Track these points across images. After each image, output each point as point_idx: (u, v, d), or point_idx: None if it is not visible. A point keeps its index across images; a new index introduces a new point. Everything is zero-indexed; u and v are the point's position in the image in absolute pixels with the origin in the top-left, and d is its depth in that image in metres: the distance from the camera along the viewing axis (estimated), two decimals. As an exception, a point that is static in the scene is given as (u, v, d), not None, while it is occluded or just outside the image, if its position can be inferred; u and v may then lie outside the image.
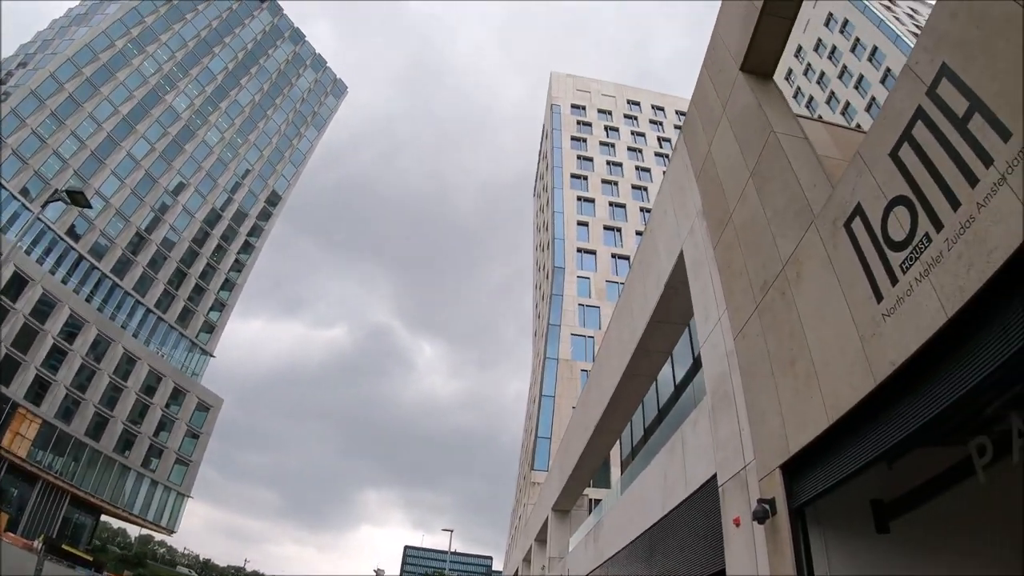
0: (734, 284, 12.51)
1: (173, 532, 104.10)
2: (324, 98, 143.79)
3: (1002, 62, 6.32)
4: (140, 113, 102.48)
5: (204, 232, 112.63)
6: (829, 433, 8.78)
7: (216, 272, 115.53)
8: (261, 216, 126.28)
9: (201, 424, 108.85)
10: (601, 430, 24.86)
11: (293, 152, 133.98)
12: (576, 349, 78.23)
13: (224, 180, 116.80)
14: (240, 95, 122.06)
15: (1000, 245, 5.98)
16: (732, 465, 11.73)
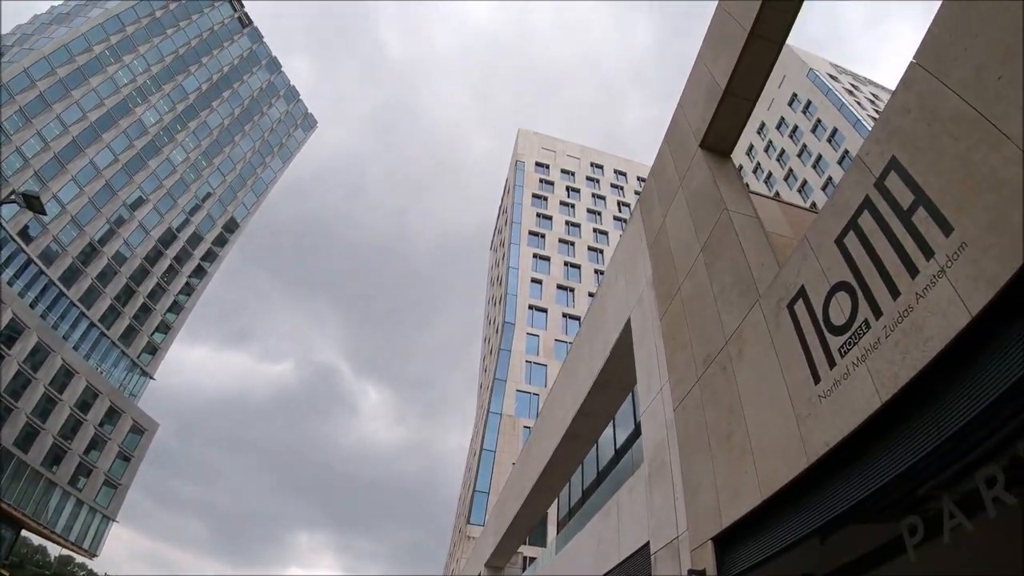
0: (677, 355, 12.53)
1: (95, 555, 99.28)
2: (293, 130, 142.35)
3: (948, 159, 6.50)
4: (108, 122, 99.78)
5: (158, 251, 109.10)
6: (762, 508, 8.77)
7: (165, 293, 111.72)
8: (217, 242, 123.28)
9: (134, 447, 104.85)
10: (539, 488, 24.55)
11: (256, 181, 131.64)
12: (520, 405, 77.65)
13: (184, 201, 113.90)
14: (210, 117, 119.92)
15: (936, 335, 6.16)
16: (665, 534, 11.62)
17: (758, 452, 8.99)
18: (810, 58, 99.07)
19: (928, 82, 7.05)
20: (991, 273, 5.69)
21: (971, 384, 5.91)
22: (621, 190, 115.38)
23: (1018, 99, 5.78)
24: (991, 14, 6.30)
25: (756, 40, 11.81)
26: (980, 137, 6.16)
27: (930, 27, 7.20)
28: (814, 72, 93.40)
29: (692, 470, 10.96)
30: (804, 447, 7.93)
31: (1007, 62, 5.98)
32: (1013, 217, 5.59)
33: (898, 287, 6.86)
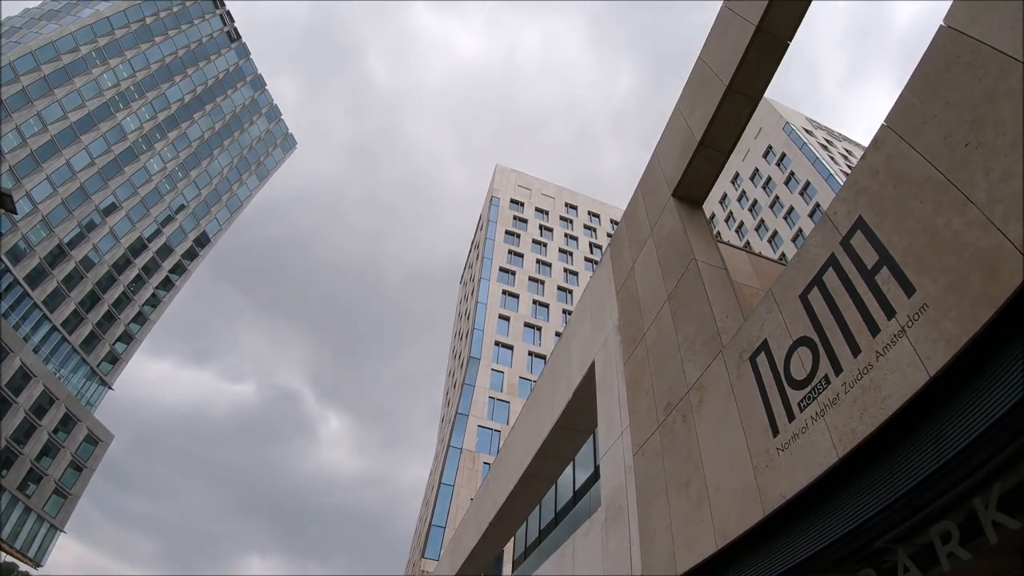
0: (639, 401, 12.48)
1: (40, 565, 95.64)
2: (272, 149, 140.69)
3: (913, 221, 6.60)
4: (88, 124, 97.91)
5: (126, 259, 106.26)
6: (717, 557, 8.72)
7: (131, 303, 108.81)
8: (187, 255, 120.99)
9: (87, 457, 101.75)
10: (497, 525, 24.25)
11: (231, 197, 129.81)
12: (481, 441, 76.97)
13: (157, 211, 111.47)
14: (190, 129, 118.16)
15: (894, 394, 6.21)
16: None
17: (715, 501, 8.95)
18: (787, 112, 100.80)
19: (897, 145, 7.16)
20: (951, 334, 5.77)
21: (928, 442, 5.95)
22: (594, 232, 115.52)
23: (984, 166, 5.89)
24: (962, 82, 6.42)
25: (734, 94, 12.00)
26: (945, 201, 6.26)
27: (903, 92, 7.32)
28: (790, 126, 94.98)
29: (649, 516, 10.87)
30: (761, 498, 7.92)
31: (975, 130, 6.10)
32: (974, 280, 5.67)
33: (859, 345, 6.94)
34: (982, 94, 6.13)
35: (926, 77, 6.99)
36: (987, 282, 5.57)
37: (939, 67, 6.80)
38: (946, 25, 6.81)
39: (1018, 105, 5.68)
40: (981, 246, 5.72)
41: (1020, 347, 5.31)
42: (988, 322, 5.48)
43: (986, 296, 5.54)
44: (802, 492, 7.28)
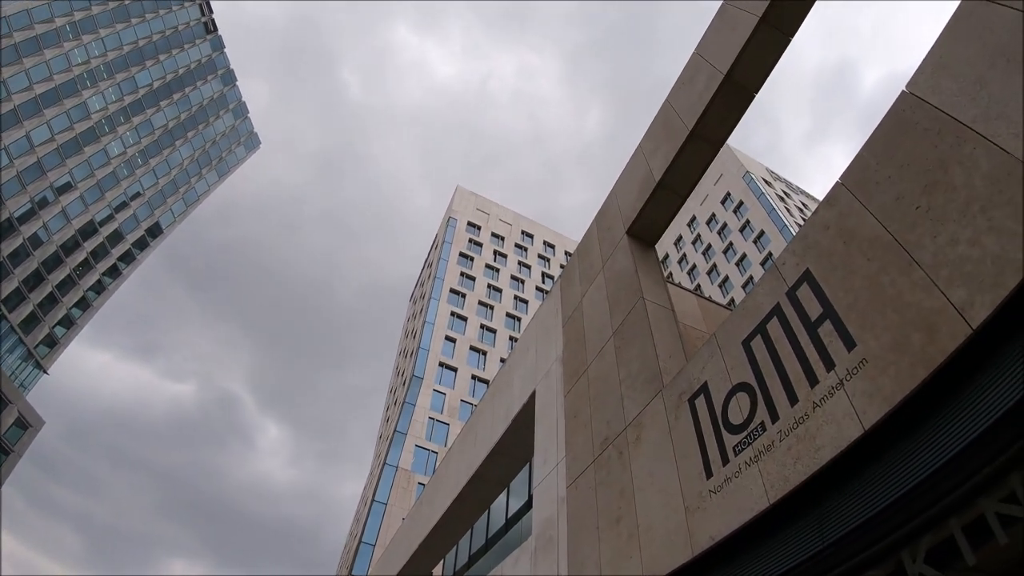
0: (577, 434, 12.39)
1: None
2: (235, 146, 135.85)
3: (859, 278, 6.68)
4: (53, 98, 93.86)
5: (75, 241, 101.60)
6: (644, 597, 8.64)
7: (75, 287, 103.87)
8: (138, 244, 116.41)
9: (15, 441, 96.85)
10: (427, 547, 23.84)
11: (189, 190, 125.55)
12: (418, 461, 76.02)
13: (112, 195, 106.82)
14: (155, 116, 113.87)
15: (828, 444, 6.26)
16: None
17: (645, 538, 8.87)
18: (747, 161, 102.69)
19: (850, 203, 7.24)
20: (888, 391, 5.81)
21: (858, 495, 5.99)
22: (547, 262, 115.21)
23: (932, 229, 5.96)
24: (919, 147, 6.51)
25: (696, 139, 12.08)
26: (892, 261, 6.34)
27: (860, 151, 7.42)
28: (750, 175, 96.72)
29: (578, 549, 10.75)
30: (690, 539, 7.87)
31: (927, 194, 6.19)
32: (914, 339, 5.74)
33: (797, 394, 6.97)
34: (936, 160, 6.22)
35: (884, 139, 7.09)
36: (927, 342, 5.62)
37: (897, 131, 6.91)
38: (908, 91, 6.92)
39: (971, 173, 5.78)
40: (924, 307, 5.78)
41: (955, 407, 5.38)
42: (924, 381, 5.54)
43: (925, 356, 5.59)
44: (732, 535, 7.26)
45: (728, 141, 12.26)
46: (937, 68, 6.61)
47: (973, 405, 5.27)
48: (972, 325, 5.29)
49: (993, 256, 5.32)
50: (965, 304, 5.41)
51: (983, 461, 5.04)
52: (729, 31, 11.58)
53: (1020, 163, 5.34)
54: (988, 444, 5.05)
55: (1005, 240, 5.26)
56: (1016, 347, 5.08)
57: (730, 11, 11.73)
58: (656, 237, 13.70)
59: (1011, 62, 5.76)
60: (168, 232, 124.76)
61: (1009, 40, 5.86)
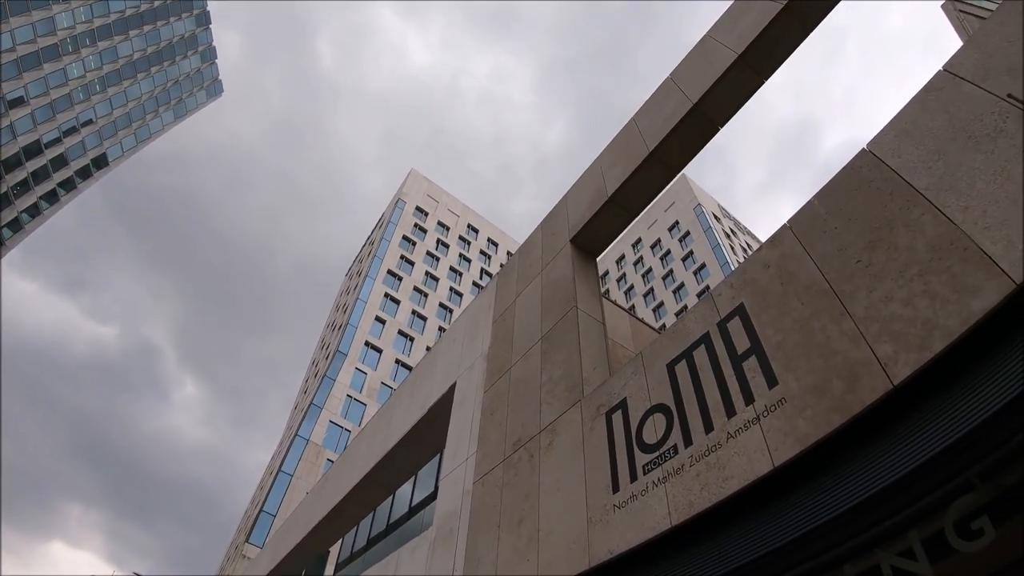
0: (491, 432, 12.27)
1: None
2: (197, 90, 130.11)
3: (790, 320, 6.72)
4: (21, 8, 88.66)
5: (18, 160, 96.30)
6: (535, 602, 8.53)
7: (11, 206, 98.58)
8: (81, 173, 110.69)
9: None
10: (327, 524, 23.41)
11: (142, 126, 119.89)
12: (330, 436, 74.89)
13: (64, 118, 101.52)
14: (121, 45, 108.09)
15: (737, 476, 6.27)
16: None
17: (544, 544, 8.76)
18: (701, 194, 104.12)
19: (793, 246, 7.28)
20: (802, 432, 5.84)
21: (757, 528, 6.02)
22: (488, 259, 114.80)
23: (869, 284, 6.02)
24: (869, 205, 6.57)
25: (654, 161, 12.09)
26: (825, 308, 6.39)
27: (811, 199, 7.45)
28: (701, 208, 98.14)
29: (477, 545, 10.58)
30: (589, 549, 7.79)
31: (869, 250, 6.25)
32: (835, 386, 5.77)
33: (713, 423, 6.97)
34: (884, 219, 6.28)
35: (836, 191, 7.14)
36: (847, 391, 5.66)
37: (851, 185, 6.95)
38: (868, 150, 6.99)
39: (915, 237, 5.85)
40: (849, 356, 5.83)
41: (866, 457, 5.44)
42: (839, 428, 5.59)
43: (843, 403, 5.63)
44: (631, 551, 7.22)
45: (685, 171, 12.33)
46: (901, 133, 6.69)
47: (884, 458, 5.31)
48: (893, 381, 5.34)
49: (924, 319, 5.38)
50: (890, 360, 5.46)
51: (884, 514, 5.08)
52: (706, 63, 11.61)
53: (963, 235, 5.43)
54: (891, 498, 5.10)
55: (938, 306, 5.33)
56: (933, 408, 5.15)
57: (710, 44, 11.77)
58: (599, 250, 13.67)
59: (972, 140, 5.86)
60: (114, 166, 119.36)
61: (974, 120, 5.95)
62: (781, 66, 11.13)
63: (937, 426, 5.07)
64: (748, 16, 11.05)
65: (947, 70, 6.57)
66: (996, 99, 5.84)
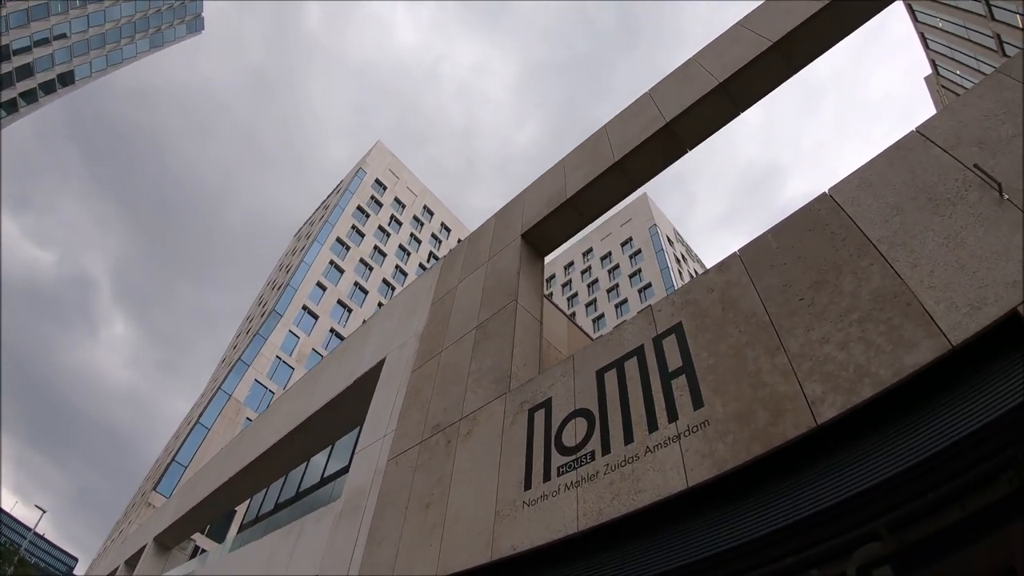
0: (412, 412, 12.05)
1: None
2: (177, 23, 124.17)
3: (725, 346, 6.68)
4: None
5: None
6: (432, 585, 8.36)
7: None
8: (45, 87, 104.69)
9: None
10: (238, 482, 22.77)
11: (115, 50, 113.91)
12: (253, 395, 73.23)
13: (37, 27, 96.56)
14: None
15: (649, 490, 6.21)
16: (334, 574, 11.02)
17: (449, 531, 8.57)
18: (659, 215, 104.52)
19: (740, 275, 7.24)
20: (721, 456, 5.79)
21: (664, 545, 5.98)
22: (439, 244, 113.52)
23: (807, 323, 6.01)
24: (820, 247, 6.58)
25: (618, 172, 12.06)
26: (762, 339, 6.36)
27: (765, 233, 7.44)
28: (656, 228, 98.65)
29: (382, 524, 10.33)
30: (492, 543, 7.63)
31: (813, 290, 6.25)
32: (759, 417, 5.73)
33: (634, 435, 6.88)
34: (833, 263, 6.29)
35: (791, 228, 7.13)
36: (770, 423, 5.62)
37: (806, 225, 6.94)
38: (829, 194, 6.99)
39: (860, 285, 5.87)
40: (778, 390, 5.80)
41: (780, 490, 5.43)
42: (757, 457, 5.56)
43: (765, 435, 5.59)
44: (534, 550, 7.10)
45: (647, 191, 12.34)
46: (863, 183, 6.70)
47: (799, 494, 5.29)
48: (818, 420, 5.31)
49: (856, 364, 5.37)
50: (817, 399, 5.44)
51: (790, 549, 5.07)
52: (686, 84, 11.60)
53: (908, 290, 5.44)
54: (799, 534, 5.09)
55: (872, 354, 5.33)
56: (855, 452, 5.15)
57: (694, 68, 11.77)
58: (548, 249, 13.58)
59: (932, 202, 5.88)
60: (80, 85, 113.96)
61: (937, 183, 5.98)
62: (757, 102, 11.22)
63: (855, 470, 5.05)
64: (736, 47, 11.11)
65: (920, 132, 6.61)
66: (962, 167, 5.87)
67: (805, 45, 10.52)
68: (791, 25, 10.39)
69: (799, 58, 10.66)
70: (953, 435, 4.74)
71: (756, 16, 11.41)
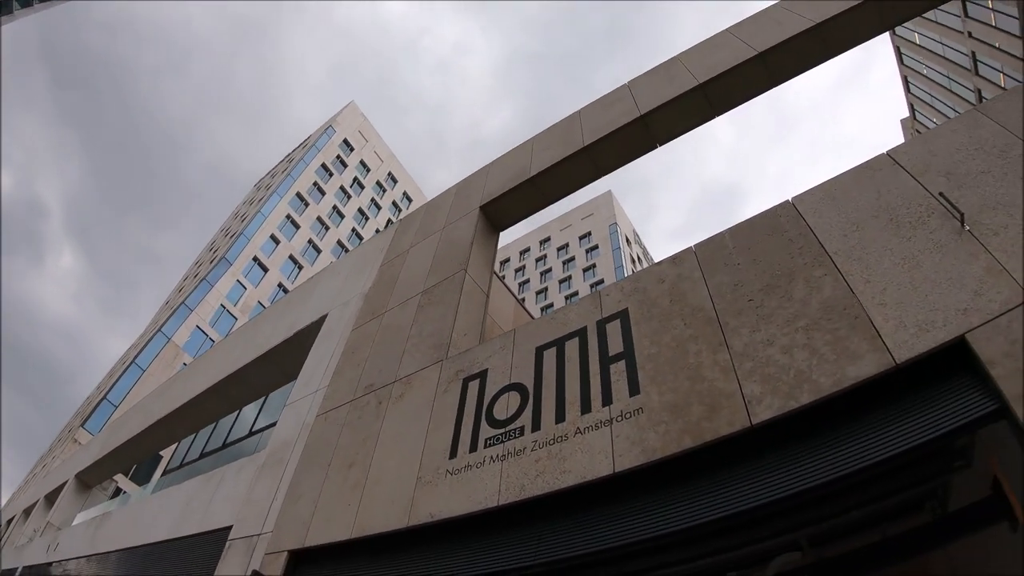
0: (347, 370, 11.77)
1: None
2: None
3: (669, 337, 6.55)
4: None
5: None
6: (347, 545, 8.15)
7: None
8: None
9: None
10: (166, 425, 22.04)
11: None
12: (192, 341, 71.47)
13: None
14: None
15: (574, 471, 6.09)
16: (250, 526, 10.46)
17: (369, 492, 8.32)
18: (620, 214, 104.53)
19: (693, 270, 7.11)
20: (651, 445, 5.67)
21: (580, 528, 5.90)
22: (399, 212, 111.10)
23: (753, 324, 5.92)
24: (776, 252, 6.49)
25: (585, 157, 11.92)
26: (706, 335, 6.25)
27: (723, 231, 7.33)
28: (617, 227, 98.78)
29: (303, 479, 10.04)
30: (411, 508, 7.40)
31: (764, 293, 6.15)
32: (694, 411, 5.62)
33: (566, 414, 6.72)
34: (787, 270, 6.20)
35: (750, 230, 7.03)
36: (704, 418, 5.51)
37: (765, 230, 6.84)
38: (792, 202, 6.91)
39: (811, 294, 5.79)
40: (716, 386, 5.68)
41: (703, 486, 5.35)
42: (687, 451, 5.45)
43: (698, 429, 5.47)
44: (451, 520, 6.94)
45: (611, 189, 12.25)
46: (827, 196, 6.63)
47: (726, 491, 5.17)
48: (752, 420, 5.20)
49: (798, 370, 5.27)
50: (754, 399, 5.32)
51: (708, 549, 4.99)
52: (666, 80, 11.52)
53: (858, 304, 5.36)
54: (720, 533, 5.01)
55: (815, 362, 5.23)
56: (788, 457, 5.06)
57: (677, 66, 11.71)
58: (505, 224, 13.39)
59: (893, 223, 5.83)
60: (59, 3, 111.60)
61: (901, 205, 5.93)
62: (733, 108, 11.21)
63: (784, 475, 4.93)
64: (721, 52, 11.09)
65: (890, 155, 6.55)
66: (927, 194, 5.80)
67: (788, 60, 10.53)
68: (778, 39, 10.40)
69: (780, 72, 10.67)
70: (882, 453, 4.65)
71: (746, 25, 11.41)
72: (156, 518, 15.61)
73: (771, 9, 11.28)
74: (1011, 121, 5.95)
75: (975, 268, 4.99)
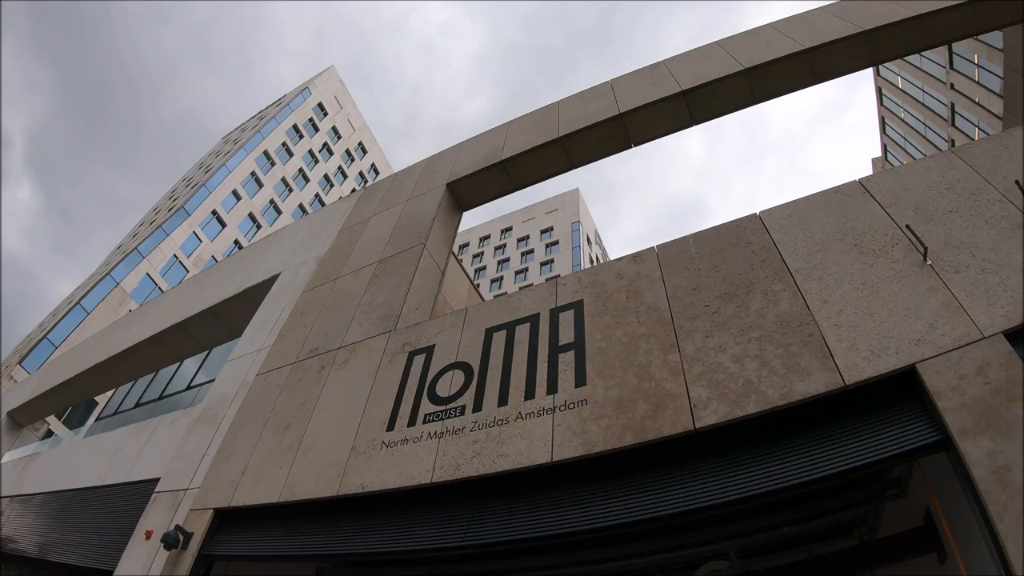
0: (293, 332, 11.52)
1: None
2: None
3: (621, 333, 6.46)
4: None
5: None
6: (275, 509, 7.91)
7: None
8: None
9: None
10: (104, 369, 21.35)
11: None
12: (141, 289, 69.60)
13: None
14: None
15: (511, 456, 5.99)
16: (178, 480, 10.15)
17: (302, 457, 8.04)
18: (585, 214, 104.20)
19: (653, 270, 7.01)
20: (592, 438, 5.56)
21: (511, 513, 5.80)
22: (364, 183, 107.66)
23: (707, 330, 5.86)
24: (739, 262, 6.45)
25: (558, 147, 11.82)
26: (659, 335, 6.17)
27: (688, 235, 7.24)
28: (579, 225, 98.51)
29: (236, 437, 9.76)
30: (343, 477, 7.15)
31: (721, 300, 6.10)
32: (639, 408, 5.54)
33: (509, 398, 6.59)
34: (746, 280, 6.15)
35: (714, 238, 6.96)
36: (648, 416, 5.41)
37: (730, 239, 6.79)
38: (759, 216, 6.86)
39: (768, 306, 5.75)
40: (663, 387, 5.58)
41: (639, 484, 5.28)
42: (626, 447, 5.36)
43: (640, 427, 5.37)
44: (383, 492, 6.76)
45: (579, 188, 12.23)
46: (794, 214, 6.61)
47: (664, 491, 5.08)
48: (696, 424, 5.11)
49: (747, 379, 5.20)
50: (700, 403, 5.24)
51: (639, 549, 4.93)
52: (649, 83, 11.46)
53: (813, 322, 5.32)
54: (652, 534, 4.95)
55: (764, 373, 5.16)
56: (729, 465, 4.99)
57: (661, 70, 11.67)
58: (470, 205, 13.23)
59: (857, 248, 5.84)
60: None
61: (867, 232, 5.93)
62: (711, 119, 11.21)
63: (723, 482, 4.85)
64: (707, 63, 11.09)
65: (861, 183, 6.54)
66: (894, 225, 5.79)
67: (772, 80, 10.60)
68: (765, 58, 10.46)
69: (762, 91, 10.72)
70: (821, 471, 4.59)
71: (735, 41, 11.45)
72: (85, 464, 15.24)
73: (762, 29, 11.35)
74: (984, 167, 5.93)
75: (932, 302, 4.97)
